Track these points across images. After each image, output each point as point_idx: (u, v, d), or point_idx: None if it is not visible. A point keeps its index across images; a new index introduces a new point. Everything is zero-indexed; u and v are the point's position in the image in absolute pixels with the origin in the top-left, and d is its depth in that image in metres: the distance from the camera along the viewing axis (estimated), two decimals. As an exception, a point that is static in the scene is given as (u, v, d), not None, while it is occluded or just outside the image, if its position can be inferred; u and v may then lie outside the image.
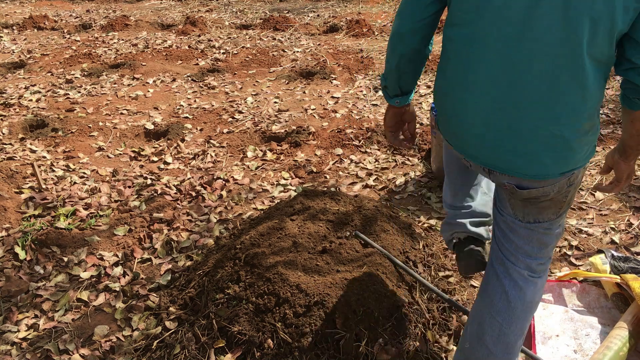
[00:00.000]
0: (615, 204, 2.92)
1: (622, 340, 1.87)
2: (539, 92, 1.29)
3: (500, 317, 1.61)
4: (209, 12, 8.19)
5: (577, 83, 1.27)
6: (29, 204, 3.10)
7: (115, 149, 3.87)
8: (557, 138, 1.33)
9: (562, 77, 1.27)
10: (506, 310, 1.61)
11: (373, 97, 4.64)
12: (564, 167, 1.38)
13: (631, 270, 2.21)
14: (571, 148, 1.36)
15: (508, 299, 1.60)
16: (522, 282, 1.60)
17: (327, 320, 1.94)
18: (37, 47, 6.43)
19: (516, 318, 1.61)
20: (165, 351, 2.04)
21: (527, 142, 1.35)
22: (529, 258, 1.58)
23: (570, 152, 1.36)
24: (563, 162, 1.37)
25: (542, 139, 1.33)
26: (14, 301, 2.41)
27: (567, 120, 1.31)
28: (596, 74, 1.29)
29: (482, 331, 1.65)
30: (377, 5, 8.23)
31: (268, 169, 3.53)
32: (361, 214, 2.48)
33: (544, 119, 1.31)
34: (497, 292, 1.62)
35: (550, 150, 1.35)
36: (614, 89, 4.46)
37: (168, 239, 2.79)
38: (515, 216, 1.53)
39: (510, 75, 1.30)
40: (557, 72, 1.26)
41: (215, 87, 5.02)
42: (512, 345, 1.64)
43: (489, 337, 1.64)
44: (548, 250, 1.60)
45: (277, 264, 2.12)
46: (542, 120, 1.31)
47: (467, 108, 1.41)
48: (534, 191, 1.43)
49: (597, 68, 1.28)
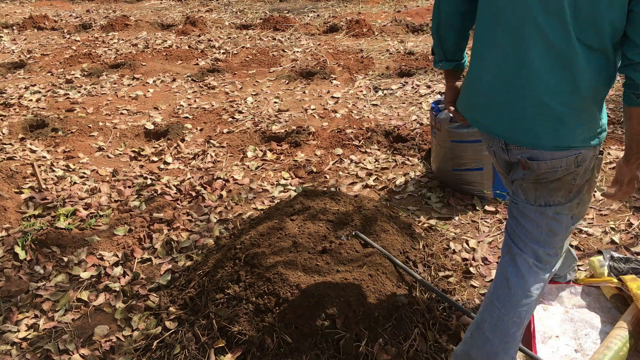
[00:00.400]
0: (615, 204, 2.92)
1: (622, 340, 1.87)
2: (537, 68, 1.45)
3: (500, 303, 1.65)
4: (209, 12, 8.19)
5: (569, 63, 1.42)
6: (29, 204, 3.10)
7: (115, 149, 3.87)
8: (549, 110, 1.47)
9: (556, 56, 1.42)
10: (506, 296, 1.64)
11: (373, 97, 4.64)
12: (557, 141, 1.50)
13: (632, 271, 2.21)
14: (563, 122, 1.48)
15: (509, 285, 1.65)
16: (525, 270, 1.64)
17: (327, 320, 1.94)
18: (37, 47, 6.43)
19: (514, 305, 1.64)
20: (165, 351, 2.04)
21: (524, 112, 1.50)
22: (537, 244, 1.64)
23: (562, 126, 1.48)
24: (555, 136, 1.49)
25: (536, 110, 1.48)
26: (14, 301, 2.41)
27: (559, 95, 1.45)
28: (589, 58, 1.41)
29: (482, 319, 1.69)
30: (377, 5, 8.23)
31: (268, 169, 3.53)
32: (361, 214, 2.48)
33: (540, 92, 1.46)
34: (499, 279, 1.68)
35: (543, 120, 1.49)
36: (614, 89, 4.46)
37: (168, 239, 2.79)
38: (527, 201, 1.64)
39: (516, 53, 1.47)
40: (552, 52, 1.42)
41: (215, 87, 5.02)
42: (509, 334, 1.65)
43: (488, 325, 1.66)
44: (556, 240, 1.66)
45: (277, 264, 2.12)
46: (538, 92, 1.46)
47: (481, 82, 1.60)
48: (543, 164, 1.54)
49: (588, 53, 1.41)
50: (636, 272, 2.19)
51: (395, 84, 4.92)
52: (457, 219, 2.89)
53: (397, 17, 7.31)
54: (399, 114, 4.24)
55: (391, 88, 4.81)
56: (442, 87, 4.75)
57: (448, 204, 3.02)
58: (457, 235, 2.73)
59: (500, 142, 1.61)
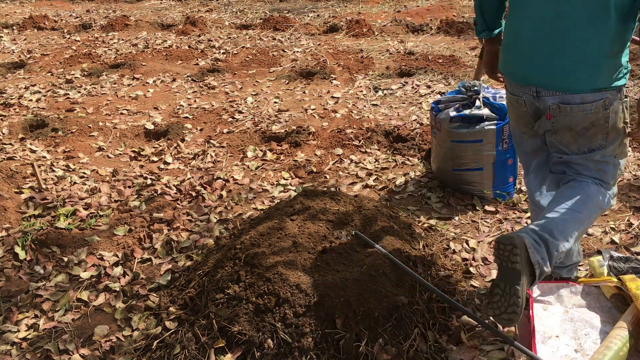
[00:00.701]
0: (615, 204, 2.92)
1: (622, 340, 1.87)
2: (575, 20, 1.69)
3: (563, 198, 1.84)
4: (209, 12, 8.19)
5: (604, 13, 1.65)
6: (29, 204, 3.10)
7: (115, 149, 3.87)
8: (587, 56, 1.71)
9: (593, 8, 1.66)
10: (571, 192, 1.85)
11: (373, 97, 4.64)
12: (593, 83, 1.74)
13: (632, 271, 2.21)
14: (598, 66, 1.72)
15: (573, 186, 1.87)
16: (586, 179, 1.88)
17: (327, 320, 1.94)
18: (37, 47, 6.43)
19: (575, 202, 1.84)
20: (165, 351, 2.04)
21: (566, 60, 1.74)
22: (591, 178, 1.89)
23: (597, 70, 1.73)
24: (592, 78, 1.73)
25: (574, 58, 1.73)
26: (14, 301, 2.41)
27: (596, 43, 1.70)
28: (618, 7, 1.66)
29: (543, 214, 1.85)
30: (377, 5, 8.23)
31: (268, 169, 3.53)
32: (361, 214, 2.48)
33: (579, 41, 1.71)
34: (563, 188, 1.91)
35: (582, 65, 1.73)
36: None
37: (168, 239, 2.79)
38: (571, 152, 1.87)
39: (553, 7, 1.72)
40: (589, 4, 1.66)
41: (215, 87, 5.02)
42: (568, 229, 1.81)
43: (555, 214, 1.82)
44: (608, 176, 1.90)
45: (277, 264, 2.12)
46: (577, 42, 1.71)
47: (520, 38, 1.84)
48: (575, 107, 1.76)
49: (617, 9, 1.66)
50: (636, 271, 2.19)
51: (395, 84, 4.92)
52: (457, 219, 2.89)
53: (397, 17, 7.31)
54: (399, 114, 4.24)
55: (391, 88, 4.82)
56: (442, 87, 4.75)
57: (448, 204, 3.02)
58: (457, 235, 2.73)
59: (532, 90, 1.83)
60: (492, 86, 3.59)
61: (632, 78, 4.68)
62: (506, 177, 2.99)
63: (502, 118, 2.86)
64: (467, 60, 5.51)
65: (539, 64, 1.79)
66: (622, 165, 1.93)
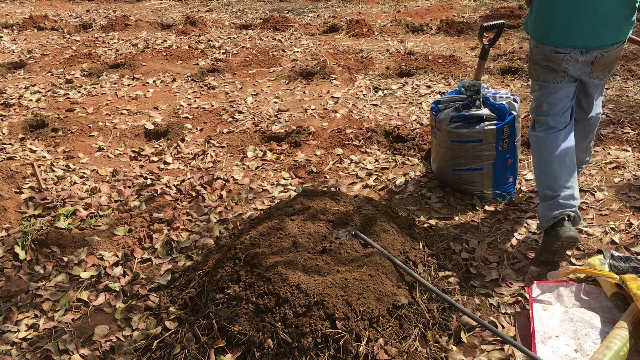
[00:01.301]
0: (615, 204, 2.92)
1: (622, 340, 1.87)
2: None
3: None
4: (209, 12, 8.19)
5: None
6: (29, 204, 3.10)
7: (115, 149, 3.87)
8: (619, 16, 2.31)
9: None
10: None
11: (373, 97, 4.64)
12: (623, 36, 2.38)
13: (632, 270, 2.21)
14: (628, 22, 2.35)
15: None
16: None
17: (327, 320, 1.94)
18: (37, 47, 6.43)
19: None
20: (165, 351, 2.04)
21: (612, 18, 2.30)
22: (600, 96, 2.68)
23: (626, 25, 2.36)
24: (623, 32, 2.37)
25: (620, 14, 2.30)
26: (14, 301, 2.41)
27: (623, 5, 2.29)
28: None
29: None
30: (377, 5, 8.23)
31: (268, 169, 3.53)
32: (361, 214, 2.48)
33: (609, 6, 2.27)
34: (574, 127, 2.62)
35: (624, 20, 2.33)
36: (614, 89, 4.46)
37: (168, 239, 2.79)
38: (597, 78, 2.50)
39: None
40: None
41: (215, 87, 5.02)
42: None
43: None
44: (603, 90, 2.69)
45: (277, 264, 2.12)
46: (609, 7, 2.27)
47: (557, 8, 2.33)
48: (613, 53, 2.40)
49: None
50: (636, 271, 2.20)
51: (395, 84, 4.92)
52: (457, 219, 2.89)
53: (397, 17, 7.31)
54: (399, 114, 4.24)
55: (391, 88, 4.82)
56: (442, 87, 4.75)
57: (448, 204, 3.02)
58: (457, 235, 2.73)
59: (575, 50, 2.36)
60: (492, 86, 3.58)
61: (632, 78, 4.68)
62: (506, 177, 2.99)
63: (502, 118, 2.85)
64: (467, 60, 5.51)
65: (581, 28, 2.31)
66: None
